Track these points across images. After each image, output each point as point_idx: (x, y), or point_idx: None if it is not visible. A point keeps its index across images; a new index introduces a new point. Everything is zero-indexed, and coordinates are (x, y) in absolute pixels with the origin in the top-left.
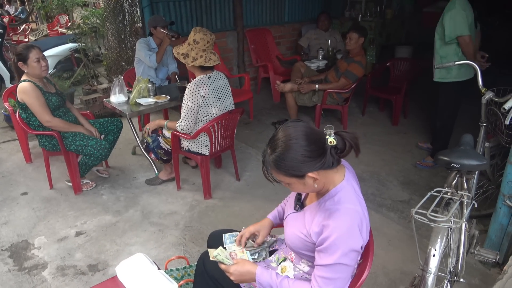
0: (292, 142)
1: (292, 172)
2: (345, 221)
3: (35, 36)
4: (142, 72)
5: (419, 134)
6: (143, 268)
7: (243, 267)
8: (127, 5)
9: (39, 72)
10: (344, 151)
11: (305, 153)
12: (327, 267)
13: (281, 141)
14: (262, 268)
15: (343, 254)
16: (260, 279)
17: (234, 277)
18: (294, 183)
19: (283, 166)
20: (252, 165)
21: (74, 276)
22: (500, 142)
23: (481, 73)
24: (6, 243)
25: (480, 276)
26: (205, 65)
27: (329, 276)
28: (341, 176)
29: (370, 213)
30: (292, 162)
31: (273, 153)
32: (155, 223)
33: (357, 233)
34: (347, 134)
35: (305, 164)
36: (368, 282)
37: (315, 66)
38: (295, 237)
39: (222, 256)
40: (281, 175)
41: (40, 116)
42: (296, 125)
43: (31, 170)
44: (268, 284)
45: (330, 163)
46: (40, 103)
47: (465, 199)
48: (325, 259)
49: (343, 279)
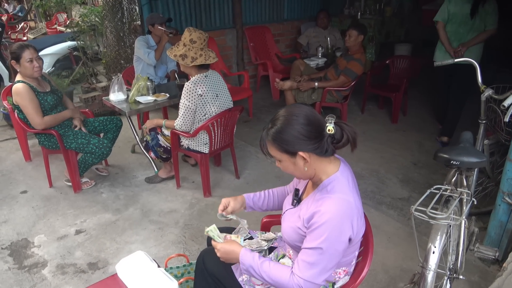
0: (292, 118)
1: (285, 147)
2: (336, 208)
3: (34, 34)
4: (141, 70)
5: (419, 132)
6: (143, 266)
7: (230, 246)
8: (125, 3)
9: (31, 72)
10: (340, 143)
11: (301, 130)
12: (310, 250)
13: (282, 116)
14: (246, 250)
15: (328, 239)
16: (243, 259)
17: (219, 253)
18: (285, 160)
19: (278, 139)
20: (251, 163)
21: (74, 274)
22: (499, 139)
23: (481, 71)
24: (6, 242)
25: (480, 273)
26: (205, 63)
27: (310, 260)
28: (335, 168)
29: (369, 211)
30: (288, 137)
31: (273, 126)
32: (155, 221)
33: (347, 222)
34: (347, 127)
35: (298, 142)
36: (368, 279)
37: (314, 64)
38: (291, 230)
39: (214, 234)
40: (274, 149)
41: (32, 120)
42: (300, 106)
43: (30, 169)
44: (250, 265)
45: (323, 149)
46: (33, 105)
47: (465, 196)
48: (310, 242)
49: (324, 266)
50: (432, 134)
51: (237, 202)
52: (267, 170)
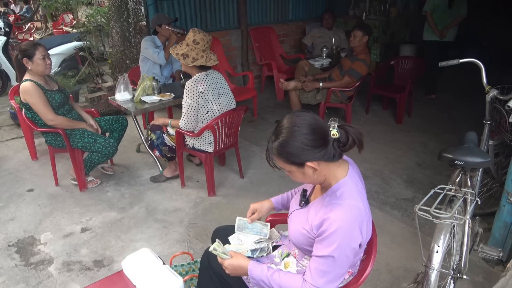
0: (294, 130)
1: (292, 159)
2: (346, 216)
3: (40, 34)
4: (147, 70)
5: (423, 133)
6: (148, 263)
7: (237, 262)
8: (131, 3)
9: (43, 69)
10: (346, 145)
11: (305, 141)
12: (322, 258)
13: (285, 128)
14: (254, 263)
15: (340, 247)
16: (252, 273)
17: (228, 271)
18: (294, 171)
19: (283, 153)
20: (256, 163)
21: (80, 272)
22: (504, 140)
23: (486, 71)
24: (13, 239)
25: (484, 274)
26: (205, 65)
27: (323, 268)
28: (344, 172)
29: (373, 211)
30: (292, 149)
31: (276, 139)
32: (160, 220)
33: (357, 229)
34: (351, 129)
35: (304, 152)
36: (371, 279)
37: (319, 65)
38: (298, 233)
39: (218, 252)
40: (282, 162)
41: (44, 116)
42: (302, 115)
43: (37, 167)
44: (260, 279)
45: (331, 155)
46: (43, 102)
47: (469, 196)
48: (321, 250)
49: (336, 274)
50: (437, 134)
51: (264, 208)
52: (271, 169)
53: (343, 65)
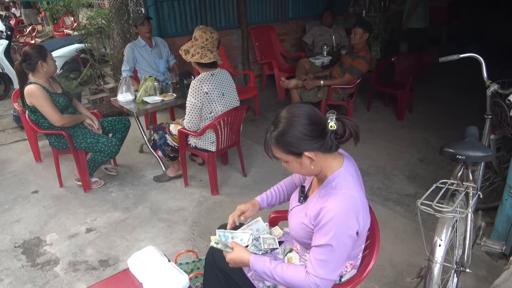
0: (294, 120)
1: (290, 148)
2: (341, 204)
3: (42, 37)
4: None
5: (425, 129)
6: (154, 261)
7: (239, 256)
8: (132, 5)
9: (54, 69)
10: (343, 137)
11: (304, 131)
12: (320, 247)
13: (284, 118)
14: (256, 256)
15: (336, 235)
16: (254, 266)
17: (231, 264)
18: (291, 161)
19: (282, 142)
20: (258, 162)
21: (86, 271)
22: (505, 134)
23: (486, 66)
24: (19, 240)
25: (487, 268)
26: (200, 61)
27: (322, 258)
28: (339, 164)
29: (376, 207)
30: (291, 139)
31: (275, 129)
32: (164, 219)
33: (353, 217)
34: (348, 121)
35: (303, 142)
36: (375, 274)
37: (319, 62)
38: (298, 227)
39: (220, 245)
40: (280, 151)
41: (51, 117)
42: (300, 106)
43: (41, 169)
44: (263, 272)
45: (328, 146)
46: (50, 104)
47: (471, 190)
48: (319, 240)
49: (337, 262)
50: (439, 130)
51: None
52: (273, 168)
53: (344, 62)
